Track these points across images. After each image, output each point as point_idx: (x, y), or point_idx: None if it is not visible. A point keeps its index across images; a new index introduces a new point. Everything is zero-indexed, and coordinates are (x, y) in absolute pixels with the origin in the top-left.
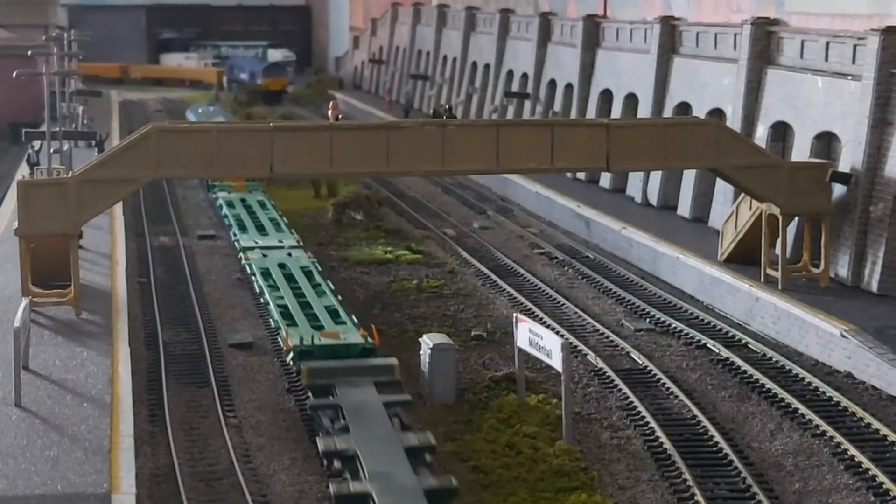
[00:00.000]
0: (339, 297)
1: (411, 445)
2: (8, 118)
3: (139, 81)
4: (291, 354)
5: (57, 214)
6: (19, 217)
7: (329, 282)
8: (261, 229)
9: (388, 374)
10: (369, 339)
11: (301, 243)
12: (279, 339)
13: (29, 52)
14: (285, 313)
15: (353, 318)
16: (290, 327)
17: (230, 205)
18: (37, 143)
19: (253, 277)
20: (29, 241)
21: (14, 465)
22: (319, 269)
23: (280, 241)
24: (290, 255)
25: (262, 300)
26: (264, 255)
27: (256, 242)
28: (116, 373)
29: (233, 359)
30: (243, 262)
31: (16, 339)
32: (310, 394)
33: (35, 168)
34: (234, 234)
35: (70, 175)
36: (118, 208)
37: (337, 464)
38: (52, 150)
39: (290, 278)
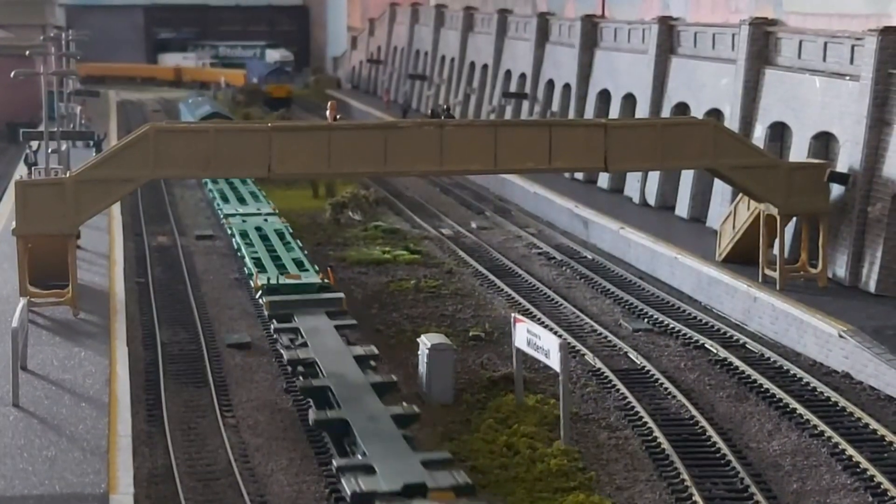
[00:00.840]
0: (306, 252)
1: (358, 354)
2: (6, 118)
3: (188, 84)
4: (260, 292)
5: (55, 214)
6: (17, 217)
7: (298, 241)
8: (241, 201)
9: (338, 306)
10: (325, 280)
11: (276, 211)
12: (251, 284)
13: (27, 52)
14: (257, 262)
15: (315, 266)
16: (260, 272)
17: (213, 180)
18: (35, 143)
19: (232, 238)
20: (27, 242)
21: (12, 466)
22: (291, 231)
23: (258, 209)
24: (265, 220)
25: (238, 255)
26: (243, 221)
27: (237, 210)
28: (114, 373)
29: (231, 359)
30: (225, 226)
31: (14, 339)
32: (273, 321)
33: (33, 168)
34: (218, 205)
35: (68, 175)
36: (116, 208)
37: (300, 368)
38: (49, 150)
39: (264, 238)
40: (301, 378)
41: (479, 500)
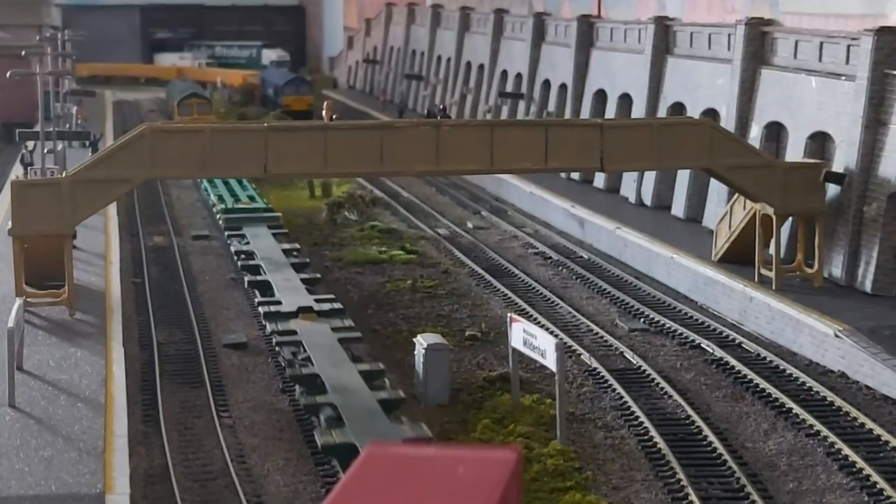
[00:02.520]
0: (265, 201)
1: (285, 248)
2: (2, 118)
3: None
4: (219, 215)
5: (51, 215)
6: (13, 217)
7: (262, 198)
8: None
9: (277, 221)
10: (269, 205)
11: (254, 186)
12: (214, 212)
13: (23, 53)
14: (220, 198)
15: (265, 200)
16: (220, 201)
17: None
18: (31, 144)
19: (206, 194)
20: (23, 242)
21: (8, 466)
22: (257, 191)
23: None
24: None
25: (209, 202)
26: (215, 186)
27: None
28: (111, 373)
29: (227, 359)
30: (203, 192)
31: (9, 339)
32: (226, 232)
33: (29, 168)
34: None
35: (64, 175)
36: (112, 208)
37: (243, 257)
38: (45, 151)
39: (233, 193)
40: (243, 271)
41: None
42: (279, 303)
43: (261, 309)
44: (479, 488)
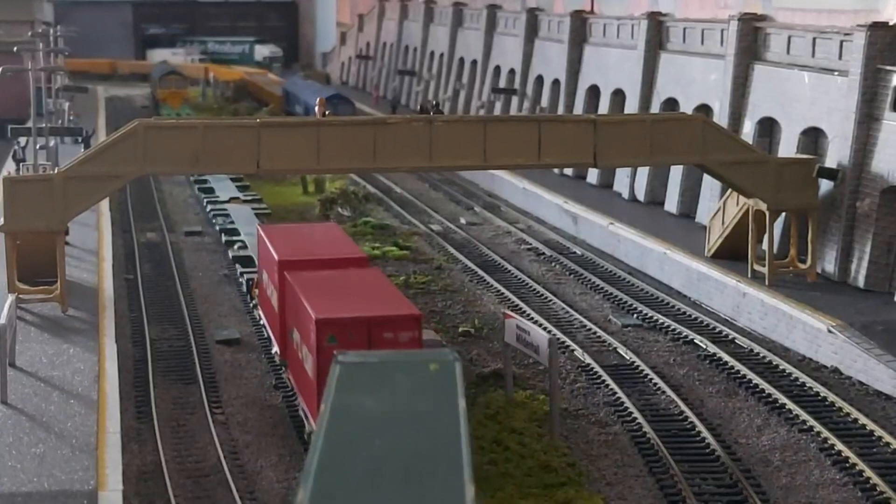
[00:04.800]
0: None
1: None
2: None
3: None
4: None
5: (43, 211)
6: (5, 214)
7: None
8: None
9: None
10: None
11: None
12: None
13: (14, 49)
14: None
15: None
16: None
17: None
18: (23, 140)
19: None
20: (15, 238)
21: (0, 463)
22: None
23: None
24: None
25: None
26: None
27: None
28: (103, 369)
29: (220, 355)
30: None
31: (1, 336)
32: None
33: (21, 164)
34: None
35: (56, 171)
36: (104, 205)
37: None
38: (38, 147)
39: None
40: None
41: None
42: (216, 196)
43: (206, 204)
44: None
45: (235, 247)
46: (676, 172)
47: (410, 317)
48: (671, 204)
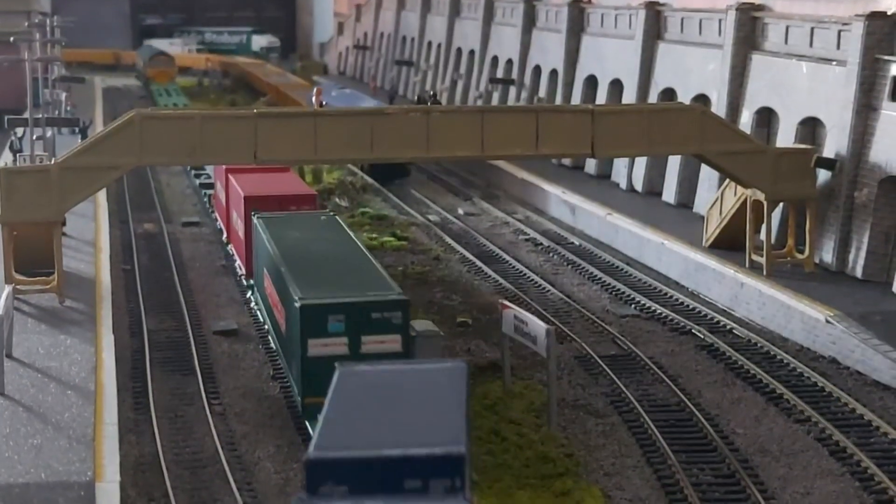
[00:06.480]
0: None
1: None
2: None
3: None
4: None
5: (40, 202)
6: (2, 204)
7: None
8: None
9: None
10: None
11: None
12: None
13: (11, 39)
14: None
15: None
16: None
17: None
18: (19, 130)
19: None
20: (12, 229)
21: None
22: None
23: None
24: None
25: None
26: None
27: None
28: (100, 360)
29: (217, 346)
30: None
31: None
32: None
33: (18, 155)
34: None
35: (53, 162)
36: (102, 195)
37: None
38: (34, 137)
39: None
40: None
41: None
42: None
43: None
44: None
45: (202, 177)
46: (674, 162)
47: (308, 195)
48: (669, 194)
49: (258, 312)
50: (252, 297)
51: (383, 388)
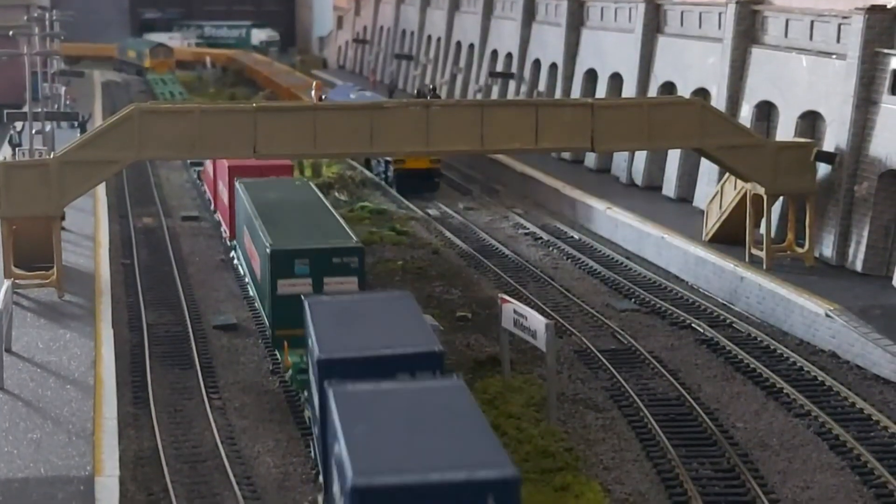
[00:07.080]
0: None
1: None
2: None
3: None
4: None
5: (39, 196)
6: (1, 199)
7: None
8: None
9: None
10: None
11: None
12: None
13: (10, 33)
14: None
15: None
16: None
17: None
18: (18, 124)
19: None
20: (11, 224)
21: None
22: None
23: None
24: None
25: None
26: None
27: None
28: (100, 355)
29: (217, 340)
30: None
31: None
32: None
33: (17, 149)
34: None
35: (52, 156)
36: (101, 190)
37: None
38: (34, 132)
39: None
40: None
41: None
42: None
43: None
44: None
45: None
46: (674, 157)
47: (285, 165)
48: (669, 188)
49: (238, 266)
50: (234, 255)
51: (349, 312)
